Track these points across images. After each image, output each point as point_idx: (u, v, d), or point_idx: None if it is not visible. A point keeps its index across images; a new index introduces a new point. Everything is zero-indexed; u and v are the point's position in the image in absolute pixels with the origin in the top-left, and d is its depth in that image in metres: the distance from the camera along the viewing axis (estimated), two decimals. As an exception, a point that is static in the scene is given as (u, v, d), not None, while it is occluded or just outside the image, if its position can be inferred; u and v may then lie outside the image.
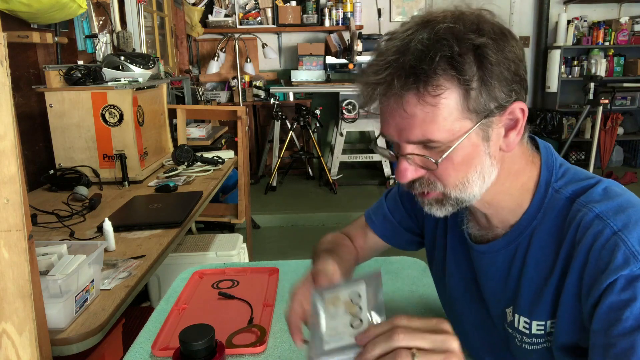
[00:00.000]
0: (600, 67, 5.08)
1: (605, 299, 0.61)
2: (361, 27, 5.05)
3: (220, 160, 2.39)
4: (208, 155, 2.41)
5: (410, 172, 0.66)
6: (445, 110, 0.61)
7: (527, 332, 0.74)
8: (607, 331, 0.61)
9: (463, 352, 0.54)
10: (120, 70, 2.16)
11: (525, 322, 0.74)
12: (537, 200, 0.71)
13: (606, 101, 4.10)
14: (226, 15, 5.10)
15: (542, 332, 0.73)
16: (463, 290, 0.86)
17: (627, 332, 0.59)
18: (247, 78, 5.14)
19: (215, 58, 4.78)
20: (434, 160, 0.63)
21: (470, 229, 0.81)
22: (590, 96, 4.15)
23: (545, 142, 0.76)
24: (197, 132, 3.24)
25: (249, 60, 4.96)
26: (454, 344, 0.53)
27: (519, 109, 0.65)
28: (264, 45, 4.78)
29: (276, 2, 5.05)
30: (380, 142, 4.66)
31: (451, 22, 0.61)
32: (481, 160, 0.66)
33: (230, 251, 2.17)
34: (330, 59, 4.78)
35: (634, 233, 0.62)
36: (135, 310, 1.85)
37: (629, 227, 0.62)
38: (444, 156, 0.63)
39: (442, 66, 0.59)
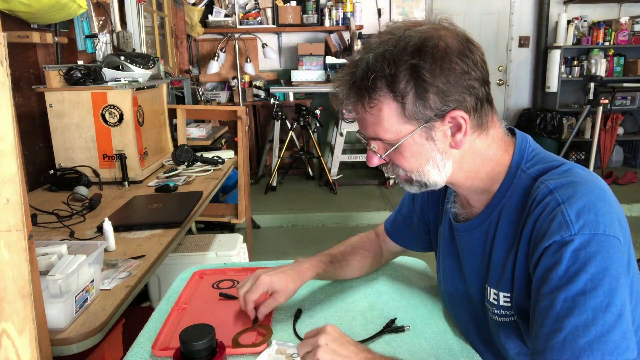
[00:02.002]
0: (600, 67, 5.08)
1: (540, 263, 0.69)
2: (361, 27, 5.05)
3: (220, 160, 2.39)
4: (208, 155, 2.41)
5: (375, 159, 0.80)
6: (386, 117, 0.74)
7: (496, 303, 0.80)
8: (538, 290, 0.69)
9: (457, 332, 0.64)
10: (120, 70, 2.16)
11: (494, 293, 0.80)
12: (507, 181, 0.79)
13: (606, 101, 4.10)
14: (226, 15, 5.10)
15: (509, 304, 0.78)
16: (451, 270, 0.93)
17: (550, 291, 0.66)
18: (247, 78, 5.14)
19: (215, 58, 4.78)
20: (379, 155, 0.78)
21: (456, 208, 0.90)
22: (590, 96, 4.15)
23: (524, 134, 0.84)
24: (197, 132, 3.24)
25: (249, 60, 4.96)
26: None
27: (460, 117, 0.74)
28: (264, 45, 4.78)
29: (276, 2, 5.05)
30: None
31: (393, 46, 0.72)
32: (431, 155, 0.77)
33: (230, 251, 2.17)
34: (330, 59, 4.78)
35: (575, 206, 0.68)
36: (135, 310, 1.85)
37: (571, 200, 0.68)
38: (388, 152, 0.77)
39: (377, 84, 0.72)
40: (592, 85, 4.14)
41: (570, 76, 5.27)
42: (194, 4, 4.88)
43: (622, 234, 0.67)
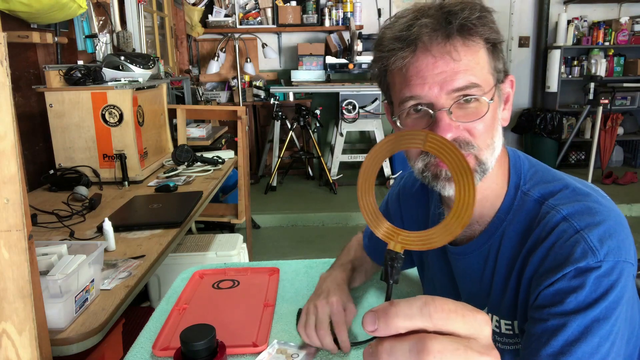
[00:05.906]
0: (600, 67, 5.08)
1: (555, 285, 0.65)
2: (361, 27, 5.05)
3: (220, 160, 2.39)
4: (208, 155, 2.41)
5: (453, 128, 0.65)
6: (481, 60, 0.66)
7: (498, 330, 0.76)
8: (545, 308, 0.65)
9: None
10: (120, 70, 2.16)
11: (496, 320, 0.76)
12: (507, 202, 0.74)
13: (606, 101, 4.11)
14: (226, 15, 5.10)
15: (511, 332, 0.75)
16: (447, 292, 0.88)
17: (564, 312, 0.63)
18: (247, 78, 5.14)
19: (215, 58, 4.78)
20: (487, 100, 0.66)
21: None
22: (590, 96, 4.15)
23: (513, 149, 0.79)
24: (197, 132, 3.24)
25: (249, 60, 4.96)
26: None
27: (509, 81, 0.70)
28: (264, 45, 4.78)
29: (276, 2, 5.05)
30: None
31: None
32: (497, 127, 0.69)
33: (230, 251, 2.17)
34: (330, 59, 4.78)
35: (595, 232, 0.65)
36: (135, 310, 1.85)
37: (590, 226, 0.65)
38: (490, 101, 0.65)
39: (479, 16, 0.65)
40: (592, 85, 4.14)
41: (570, 76, 5.27)
42: (194, 4, 4.88)
43: (634, 254, 0.67)
